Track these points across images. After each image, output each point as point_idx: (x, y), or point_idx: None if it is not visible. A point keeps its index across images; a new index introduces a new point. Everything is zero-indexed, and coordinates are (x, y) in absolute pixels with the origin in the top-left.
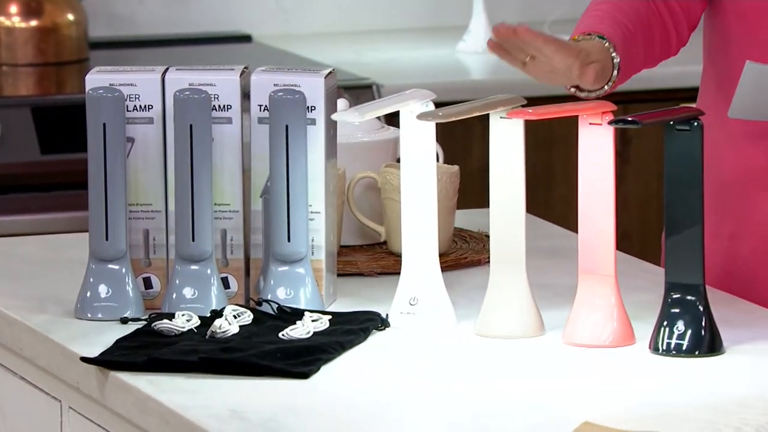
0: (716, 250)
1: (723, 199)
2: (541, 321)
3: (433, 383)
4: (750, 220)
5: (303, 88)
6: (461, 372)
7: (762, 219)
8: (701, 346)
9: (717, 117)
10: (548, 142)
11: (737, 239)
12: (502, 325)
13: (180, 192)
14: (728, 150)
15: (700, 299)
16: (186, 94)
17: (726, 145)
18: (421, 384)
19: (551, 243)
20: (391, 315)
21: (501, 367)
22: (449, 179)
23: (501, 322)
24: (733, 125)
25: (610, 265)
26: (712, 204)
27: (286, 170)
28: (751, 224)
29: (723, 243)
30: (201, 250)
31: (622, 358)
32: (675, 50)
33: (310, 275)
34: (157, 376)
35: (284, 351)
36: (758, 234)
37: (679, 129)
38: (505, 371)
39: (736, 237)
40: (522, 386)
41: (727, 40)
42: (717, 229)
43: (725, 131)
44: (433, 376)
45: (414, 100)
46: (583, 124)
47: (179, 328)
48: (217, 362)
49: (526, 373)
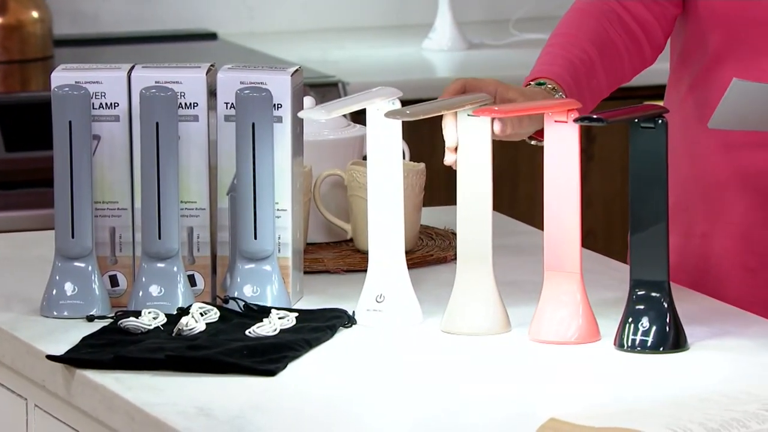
0: (688, 249)
1: (694, 198)
2: (507, 318)
3: (399, 380)
4: (722, 220)
5: (269, 85)
6: (427, 369)
7: (733, 219)
8: (666, 342)
9: (685, 117)
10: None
11: (709, 238)
12: (468, 321)
13: (146, 190)
14: (701, 150)
15: (664, 296)
16: (152, 92)
17: (698, 146)
18: (387, 381)
19: (517, 240)
20: (357, 312)
21: (467, 364)
22: (415, 177)
23: (467, 318)
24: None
25: (575, 262)
26: (683, 203)
27: (253, 168)
28: (723, 224)
29: (695, 241)
30: (167, 248)
31: (588, 354)
32: (651, 60)
33: (276, 273)
34: (123, 374)
35: (251, 348)
36: (729, 233)
37: (644, 126)
38: (471, 368)
39: (708, 236)
40: (488, 383)
41: (702, 42)
42: (689, 229)
43: (698, 133)
44: (400, 372)
45: (380, 98)
46: (548, 122)
47: (146, 326)
48: (183, 360)
49: (492, 369)
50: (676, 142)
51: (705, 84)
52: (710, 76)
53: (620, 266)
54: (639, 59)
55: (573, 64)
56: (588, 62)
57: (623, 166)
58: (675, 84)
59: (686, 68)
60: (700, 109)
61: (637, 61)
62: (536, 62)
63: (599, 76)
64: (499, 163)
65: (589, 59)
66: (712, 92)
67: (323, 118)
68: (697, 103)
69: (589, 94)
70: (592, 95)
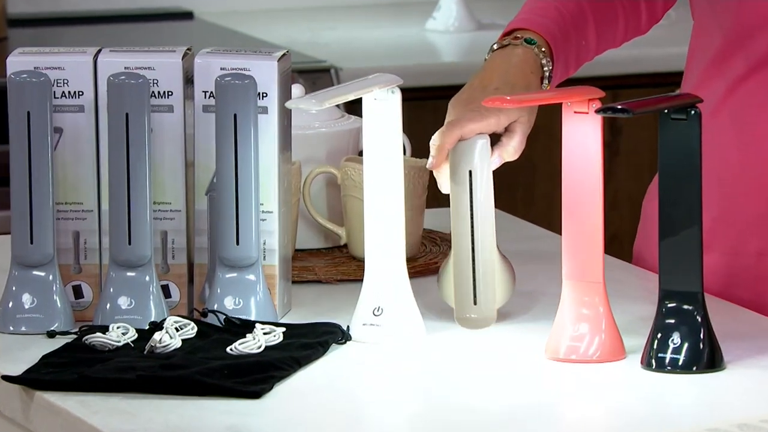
0: (741, 268)
1: (746, 210)
2: None
3: (399, 403)
4: None
5: (253, 72)
6: (431, 390)
7: None
8: (699, 361)
9: (740, 108)
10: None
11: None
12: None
13: (114, 189)
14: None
15: (698, 309)
16: (121, 79)
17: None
18: (386, 404)
19: (532, 246)
20: (352, 327)
21: (476, 386)
22: (417, 174)
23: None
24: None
25: (598, 271)
26: (729, 216)
27: (235, 165)
28: None
29: (749, 261)
30: (138, 255)
31: (612, 374)
32: (645, 29)
33: (261, 282)
34: (88, 396)
35: (233, 368)
36: None
37: (675, 118)
38: (480, 388)
39: (765, 254)
40: (498, 405)
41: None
42: (739, 246)
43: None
44: (400, 394)
45: (378, 86)
46: (567, 113)
47: (114, 342)
48: (156, 380)
49: (504, 391)
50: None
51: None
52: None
53: (648, 275)
54: (634, 26)
55: (563, 18)
56: (581, 19)
57: (652, 163)
58: (720, 63)
59: (744, 44)
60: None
61: (632, 28)
62: (524, 6)
63: (589, 37)
64: (514, 161)
65: (582, 16)
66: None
67: (314, 108)
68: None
69: (575, 59)
70: (577, 59)
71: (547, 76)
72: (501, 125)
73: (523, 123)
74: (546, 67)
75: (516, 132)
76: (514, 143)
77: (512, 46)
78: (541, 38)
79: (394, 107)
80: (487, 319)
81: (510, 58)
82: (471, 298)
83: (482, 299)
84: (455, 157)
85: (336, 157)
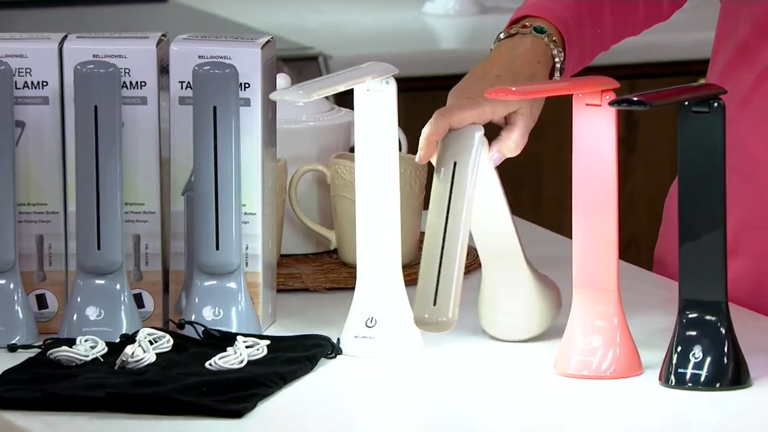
0: (763, 274)
1: None
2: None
3: (394, 424)
4: None
5: (234, 60)
6: (429, 409)
7: None
8: (723, 377)
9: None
10: (536, 129)
11: None
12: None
13: (82, 189)
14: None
15: (721, 320)
16: (89, 68)
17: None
18: (379, 425)
19: (540, 250)
20: (343, 339)
21: (478, 403)
22: (414, 173)
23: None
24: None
25: (612, 278)
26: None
27: (214, 162)
28: None
29: None
30: (108, 261)
31: (627, 391)
32: (667, 14)
33: (243, 291)
34: (53, 416)
35: (212, 384)
36: None
37: (696, 111)
38: (483, 407)
39: None
40: (503, 426)
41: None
42: (767, 250)
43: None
44: (395, 414)
45: (371, 76)
46: (578, 106)
47: (81, 356)
48: (128, 399)
49: (508, 409)
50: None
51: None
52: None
53: (667, 283)
54: (655, 11)
55: (577, 3)
56: (596, 4)
57: (671, 160)
58: (749, 51)
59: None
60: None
61: (652, 14)
62: None
63: (606, 25)
64: (519, 156)
65: (598, 1)
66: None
67: (301, 100)
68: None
69: (590, 49)
70: (592, 49)
71: (559, 68)
72: (497, 115)
73: (524, 115)
74: (557, 58)
75: (516, 124)
76: (514, 137)
77: (520, 35)
78: (552, 26)
79: (388, 99)
80: (444, 323)
81: (516, 48)
82: (431, 299)
83: (442, 302)
84: (442, 148)
85: (325, 153)
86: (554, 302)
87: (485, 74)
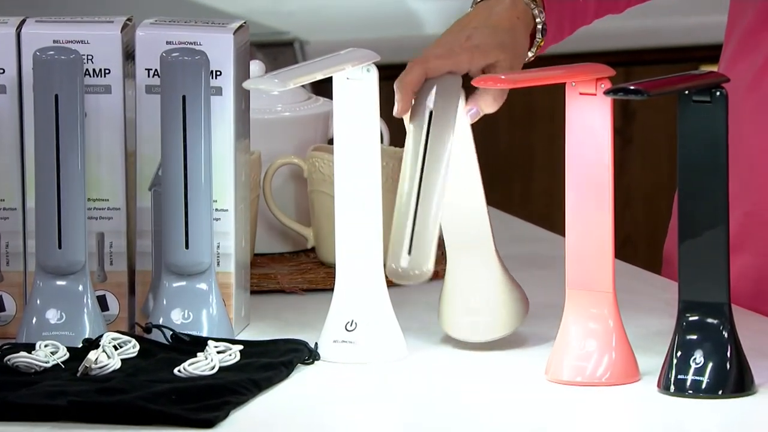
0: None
1: None
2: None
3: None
4: None
5: (205, 47)
6: (413, 418)
7: None
8: (725, 383)
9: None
10: (527, 119)
11: None
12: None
13: (42, 184)
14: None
15: (724, 323)
16: (49, 55)
17: None
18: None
19: (531, 248)
20: (321, 344)
21: (465, 412)
22: (397, 167)
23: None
24: None
25: (607, 279)
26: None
27: (183, 155)
28: None
29: None
30: (70, 260)
31: (623, 399)
32: None
33: (214, 293)
34: (12, 426)
35: (181, 392)
36: None
37: (697, 100)
38: (471, 416)
39: None
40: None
41: None
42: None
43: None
44: (377, 423)
45: (351, 63)
46: (571, 95)
47: (41, 362)
48: (92, 407)
49: (497, 418)
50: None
51: None
52: None
53: (666, 283)
54: None
55: None
56: None
57: (670, 153)
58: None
59: None
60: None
61: None
62: None
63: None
64: (509, 148)
65: None
66: None
67: (276, 89)
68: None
69: (569, 18)
70: (572, 20)
71: (540, 29)
72: (475, 65)
73: (503, 67)
74: (538, 18)
75: None
76: (492, 91)
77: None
78: None
79: (369, 88)
80: (420, 274)
81: (495, 6)
82: (406, 248)
83: (418, 252)
84: (418, 96)
85: (302, 146)
86: (523, 302)
87: (462, 27)
